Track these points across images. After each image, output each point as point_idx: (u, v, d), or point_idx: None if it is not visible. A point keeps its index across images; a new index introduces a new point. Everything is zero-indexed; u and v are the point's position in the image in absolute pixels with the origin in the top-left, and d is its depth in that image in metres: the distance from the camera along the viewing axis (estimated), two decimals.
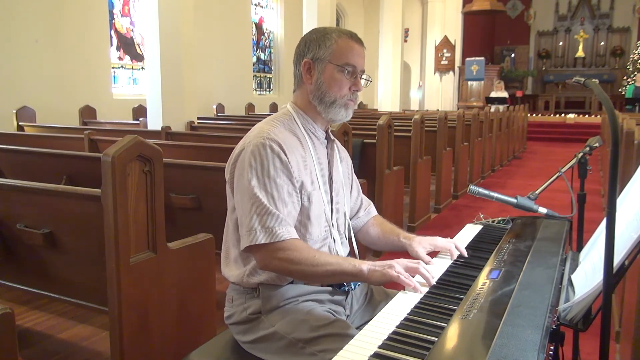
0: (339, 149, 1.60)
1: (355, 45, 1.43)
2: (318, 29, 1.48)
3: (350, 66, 1.42)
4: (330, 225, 1.48)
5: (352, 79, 1.43)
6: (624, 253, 1.03)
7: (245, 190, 1.32)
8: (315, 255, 1.31)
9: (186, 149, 3.93)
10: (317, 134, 1.49)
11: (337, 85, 1.42)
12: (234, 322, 1.44)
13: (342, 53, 1.41)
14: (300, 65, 1.45)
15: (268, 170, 1.32)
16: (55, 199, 2.09)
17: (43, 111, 6.51)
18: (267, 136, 1.35)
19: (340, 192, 1.54)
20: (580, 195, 1.87)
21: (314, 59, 1.43)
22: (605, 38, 17.91)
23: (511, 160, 9.66)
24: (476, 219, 1.81)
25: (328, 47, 1.41)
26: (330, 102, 1.43)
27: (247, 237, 1.30)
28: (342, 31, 1.45)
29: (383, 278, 1.28)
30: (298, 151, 1.40)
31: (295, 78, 1.50)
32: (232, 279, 1.44)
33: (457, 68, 15.67)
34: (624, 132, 3.16)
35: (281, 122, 1.45)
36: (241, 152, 1.37)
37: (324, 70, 1.42)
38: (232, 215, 1.43)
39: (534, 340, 0.89)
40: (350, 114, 1.48)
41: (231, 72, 10.91)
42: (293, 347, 1.30)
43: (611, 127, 0.94)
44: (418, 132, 4.66)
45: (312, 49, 1.43)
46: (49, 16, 7.31)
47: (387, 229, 1.65)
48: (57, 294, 2.20)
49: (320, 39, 1.43)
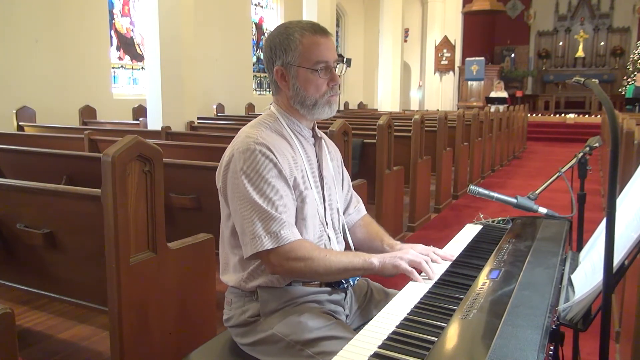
0: (327, 144, 1.57)
1: (320, 39, 1.38)
2: (279, 28, 1.42)
3: (321, 63, 1.37)
4: (324, 224, 1.47)
5: (327, 75, 1.39)
6: (623, 253, 1.03)
7: (242, 198, 1.31)
8: (325, 254, 1.32)
9: (186, 149, 3.93)
10: (303, 134, 1.47)
11: (313, 86, 1.38)
12: (233, 325, 1.44)
13: (310, 52, 1.36)
14: (272, 73, 1.42)
15: (262, 175, 1.30)
16: (55, 199, 2.09)
17: (43, 111, 6.51)
18: (255, 141, 1.33)
19: (332, 189, 1.53)
20: (580, 195, 1.86)
21: (284, 65, 1.38)
22: (605, 38, 17.90)
23: (511, 160, 9.66)
24: (476, 219, 1.81)
25: (294, 50, 1.36)
26: (312, 104, 1.40)
27: (251, 245, 1.29)
28: (304, 27, 1.38)
29: (394, 270, 1.30)
30: (288, 152, 1.39)
31: (272, 84, 1.46)
32: (230, 283, 1.44)
33: (457, 68, 15.67)
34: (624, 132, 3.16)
35: (267, 124, 1.43)
36: (231, 159, 1.35)
37: (297, 74, 1.38)
38: (227, 222, 1.42)
39: (534, 340, 0.89)
40: (335, 108, 1.46)
41: (231, 72, 10.91)
42: (291, 349, 1.29)
43: (611, 127, 0.94)
44: (418, 132, 4.66)
45: (279, 54, 1.38)
46: (48, 16, 7.31)
47: (373, 231, 1.63)
48: (57, 294, 2.20)
49: (285, 42, 1.37)
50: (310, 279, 1.39)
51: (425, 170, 4.89)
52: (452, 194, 6.03)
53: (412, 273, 1.29)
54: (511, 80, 17.28)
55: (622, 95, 13.88)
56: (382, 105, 12.57)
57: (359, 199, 1.72)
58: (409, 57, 15.59)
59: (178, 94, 6.12)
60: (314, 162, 1.48)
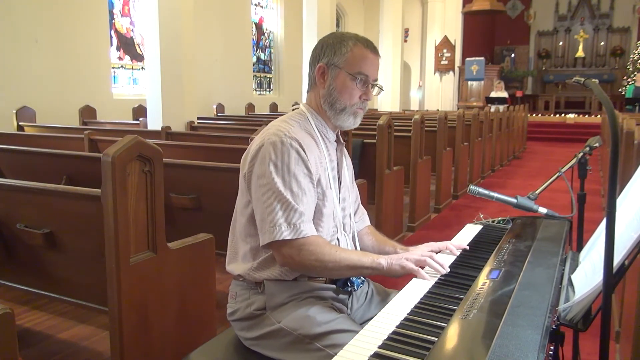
0: (345, 152, 1.62)
1: (370, 54, 1.45)
2: (336, 33, 1.50)
3: (363, 75, 1.43)
4: (337, 226, 1.49)
5: (364, 88, 1.45)
6: (624, 253, 1.03)
7: (267, 187, 1.33)
8: (337, 251, 1.35)
9: (186, 149, 3.93)
10: (328, 136, 1.52)
11: (348, 93, 1.44)
12: (238, 319, 1.44)
13: (357, 61, 1.43)
14: (314, 68, 1.47)
15: (290, 167, 1.33)
16: (55, 199, 2.09)
17: (43, 111, 6.51)
18: (288, 135, 1.36)
19: (347, 194, 1.57)
20: (580, 195, 1.86)
21: (328, 64, 1.44)
22: (605, 38, 17.90)
23: (511, 160, 9.66)
24: (476, 219, 1.81)
25: (343, 54, 1.43)
26: (340, 109, 1.45)
27: (270, 233, 1.32)
28: (359, 39, 1.46)
29: (402, 271, 1.33)
30: (315, 150, 1.42)
31: (310, 79, 1.52)
32: (237, 271, 1.45)
33: (457, 68, 15.66)
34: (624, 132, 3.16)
35: (297, 121, 1.47)
36: (260, 148, 1.37)
37: (337, 76, 1.44)
38: (244, 210, 1.43)
39: (534, 340, 0.89)
40: (358, 122, 1.51)
41: (231, 72, 10.91)
42: (299, 343, 1.31)
43: (611, 127, 0.94)
44: (418, 132, 4.66)
45: (327, 53, 1.45)
46: (49, 16, 7.31)
47: (380, 239, 1.68)
48: (57, 294, 2.20)
49: (337, 45, 1.44)
50: (318, 274, 1.40)
51: (425, 170, 4.90)
52: (452, 194, 6.03)
53: (418, 272, 1.32)
54: (511, 80, 17.28)
55: (622, 95, 13.88)
56: (382, 105, 12.57)
57: (364, 211, 1.76)
58: (409, 57, 15.59)
59: (178, 94, 6.12)
60: (335, 165, 1.52)
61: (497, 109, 10.02)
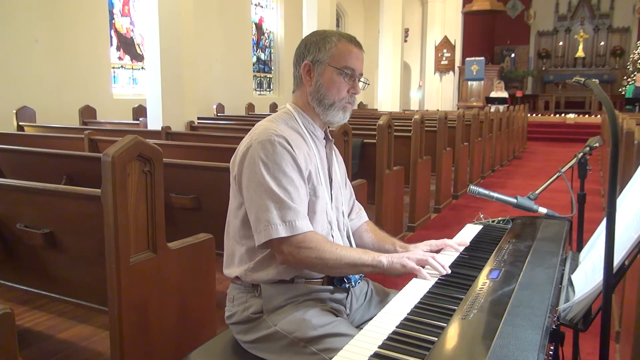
0: (335, 150, 1.62)
1: (354, 49, 1.46)
2: (318, 31, 1.51)
3: (349, 69, 1.44)
4: (331, 222, 1.49)
5: (351, 82, 1.46)
6: (624, 253, 1.03)
7: (259, 186, 1.33)
8: (337, 248, 1.35)
9: (186, 149, 3.93)
10: (316, 133, 1.51)
11: (336, 87, 1.44)
12: (235, 322, 1.44)
13: (342, 56, 1.44)
14: (300, 67, 1.48)
15: (280, 165, 1.34)
16: (55, 199, 2.09)
17: (43, 111, 6.51)
18: (275, 133, 1.36)
19: (339, 191, 1.56)
20: (580, 195, 1.87)
21: (313, 61, 1.45)
22: (605, 38, 17.90)
23: (511, 160, 9.66)
24: (476, 219, 1.81)
25: (328, 50, 1.44)
26: (329, 104, 1.46)
27: (265, 232, 1.31)
28: (342, 35, 1.48)
29: (403, 270, 1.33)
30: (303, 147, 1.42)
31: (295, 79, 1.52)
32: (234, 274, 1.45)
33: (457, 68, 15.67)
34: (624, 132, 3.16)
35: (283, 120, 1.47)
36: (248, 149, 1.38)
37: (324, 72, 1.44)
38: (237, 212, 1.43)
39: (534, 340, 0.89)
40: (348, 116, 1.51)
41: (231, 72, 10.91)
42: (295, 346, 1.31)
43: (611, 127, 0.94)
44: (418, 132, 4.66)
45: (312, 51, 1.46)
46: (48, 16, 7.31)
47: (380, 236, 1.68)
48: (57, 294, 2.20)
49: (321, 42, 1.45)
50: (319, 271, 1.40)
51: (425, 170, 4.89)
52: (452, 194, 6.03)
53: (419, 271, 1.32)
54: (511, 80, 17.28)
55: (622, 95, 13.89)
56: (382, 105, 12.56)
57: (360, 207, 1.75)
58: (409, 57, 15.58)
59: (178, 94, 6.12)
60: (324, 162, 1.52)
61: (497, 109, 10.01)
